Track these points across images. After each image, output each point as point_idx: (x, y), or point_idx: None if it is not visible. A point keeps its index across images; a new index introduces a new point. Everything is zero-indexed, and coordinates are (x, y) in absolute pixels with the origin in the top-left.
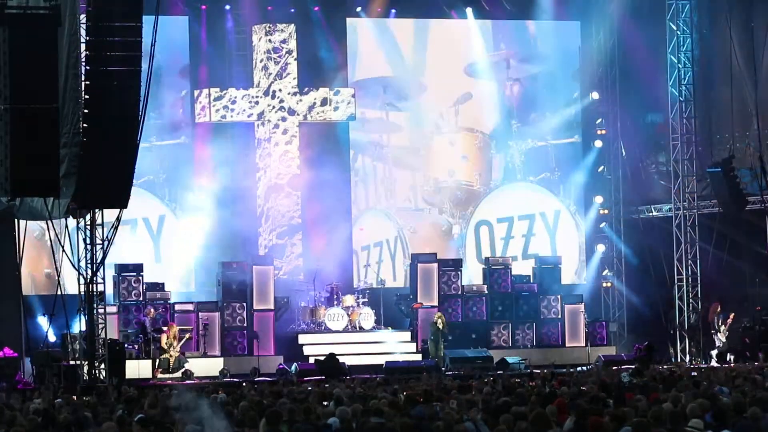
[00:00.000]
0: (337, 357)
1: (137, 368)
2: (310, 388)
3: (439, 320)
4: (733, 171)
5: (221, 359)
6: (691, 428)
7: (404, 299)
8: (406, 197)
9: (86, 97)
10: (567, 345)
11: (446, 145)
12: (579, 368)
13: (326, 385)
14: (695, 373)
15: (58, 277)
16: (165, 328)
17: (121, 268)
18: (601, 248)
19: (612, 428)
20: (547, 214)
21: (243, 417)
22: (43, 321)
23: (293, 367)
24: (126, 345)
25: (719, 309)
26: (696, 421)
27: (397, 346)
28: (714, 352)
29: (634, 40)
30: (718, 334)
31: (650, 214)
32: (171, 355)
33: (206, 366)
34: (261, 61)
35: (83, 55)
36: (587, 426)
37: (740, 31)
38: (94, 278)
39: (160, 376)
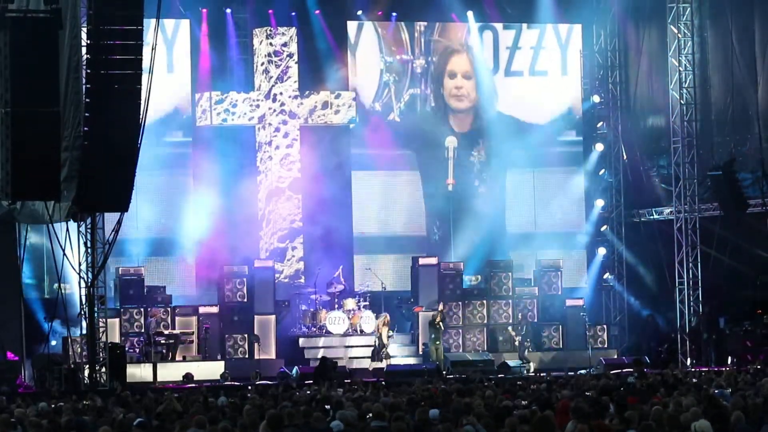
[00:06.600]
0: (328, 360)
1: (138, 372)
2: (309, 392)
3: (438, 319)
4: (734, 174)
5: (222, 363)
6: (700, 428)
7: (405, 303)
8: None
9: (87, 100)
10: (568, 348)
11: None
12: (580, 371)
13: (316, 389)
14: (695, 379)
15: (59, 280)
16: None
17: (123, 272)
18: (602, 251)
19: None
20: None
21: (244, 421)
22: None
23: (294, 371)
24: (127, 348)
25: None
26: (704, 423)
27: (398, 350)
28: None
29: (635, 43)
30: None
31: (651, 217)
32: (377, 342)
33: (207, 370)
34: (262, 64)
35: (84, 58)
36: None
37: (741, 35)
38: (95, 281)
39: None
